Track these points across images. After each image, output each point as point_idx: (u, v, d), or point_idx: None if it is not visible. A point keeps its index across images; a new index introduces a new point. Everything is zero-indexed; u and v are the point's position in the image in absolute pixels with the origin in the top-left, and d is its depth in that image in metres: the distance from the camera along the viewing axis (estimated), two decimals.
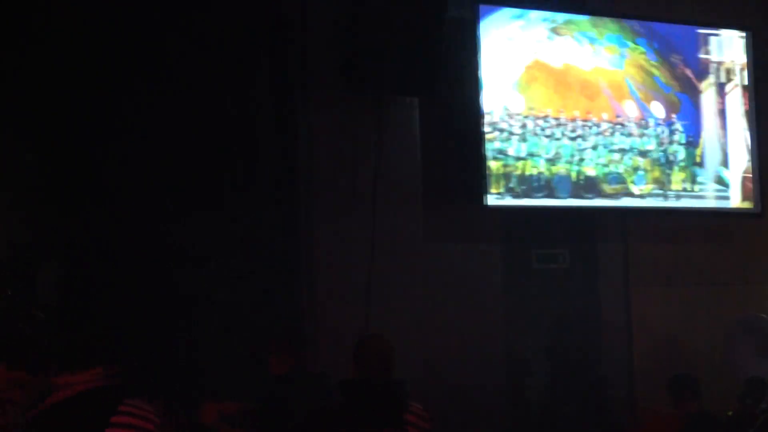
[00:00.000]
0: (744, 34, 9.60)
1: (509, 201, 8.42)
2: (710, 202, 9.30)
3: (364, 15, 7.77)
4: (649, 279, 9.29)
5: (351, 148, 8.07)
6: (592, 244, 9.17)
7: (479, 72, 8.32)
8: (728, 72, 9.54)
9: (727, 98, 9.51)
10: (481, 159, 8.26)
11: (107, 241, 7.27)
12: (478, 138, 8.26)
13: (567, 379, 8.69)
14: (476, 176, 8.28)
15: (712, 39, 9.50)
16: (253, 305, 7.51)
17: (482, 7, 8.42)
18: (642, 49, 9.15)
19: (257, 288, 7.59)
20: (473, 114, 8.30)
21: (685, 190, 9.15)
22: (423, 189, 8.33)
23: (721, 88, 9.50)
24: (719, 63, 9.51)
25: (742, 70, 9.59)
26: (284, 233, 7.86)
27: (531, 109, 8.59)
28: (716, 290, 9.52)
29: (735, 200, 9.41)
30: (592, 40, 8.95)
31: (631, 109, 9.02)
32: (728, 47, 9.57)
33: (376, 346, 5.20)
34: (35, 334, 6.61)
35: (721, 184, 9.34)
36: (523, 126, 8.54)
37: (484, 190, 8.25)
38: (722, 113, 9.47)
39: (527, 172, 8.51)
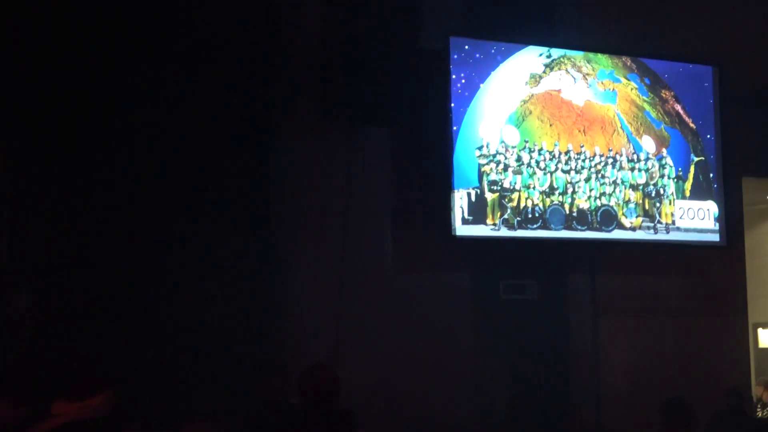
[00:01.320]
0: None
1: (504, 232, 8.54)
2: (699, 236, 9.43)
3: (337, 46, 7.89)
4: (617, 310, 9.41)
5: (322, 179, 8.18)
6: (560, 275, 9.27)
7: (450, 103, 8.45)
8: None
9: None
10: (450, 189, 8.36)
11: (80, 267, 7.26)
12: (448, 169, 8.37)
13: (534, 407, 8.74)
14: (446, 207, 8.36)
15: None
16: (224, 335, 7.51)
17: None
18: (634, 84, 9.33)
19: (228, 318, 7.59)
20: (444, 145, 8.41)
21: (674, 223, 9.29)
22: (393, 219, 8.47)
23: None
24: None
25: None
26: (254, 264, 7.86)
27: (526, 141, 8.73)
28: (683, 322, 9.65)
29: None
30: (585, 75, 9.12)
31: (622, 143, 9.17)
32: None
33: (319, 376, 5.10)
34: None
35: (711, 218, 9.49)
36: (518, 158, 8.68)
37: (452, 221, 8.34)
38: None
39: (522, 204, 8.64)
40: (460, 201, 8.39)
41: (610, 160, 9.07)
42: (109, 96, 7.39)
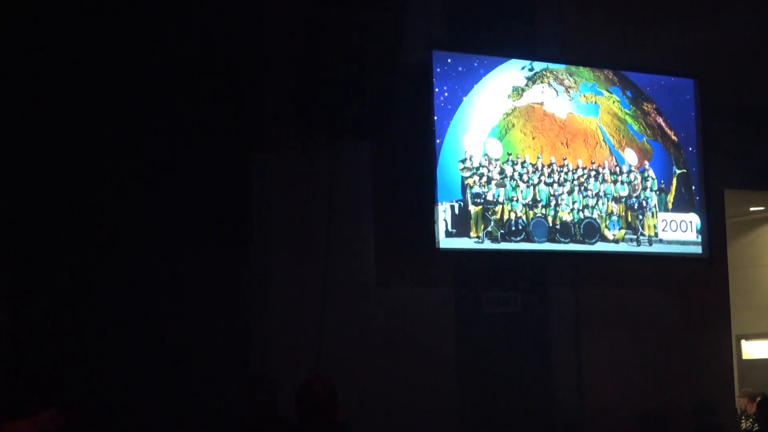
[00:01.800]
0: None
1: (488, 245, 8.54)
2: (682, 248, 9.46)
3: (319, 59, 7.90)
4: (600, 323, 9.40)
5: (304, 191, 8.17)
6: (543, 287, 9.27)
7: (433, 116, 8.46)
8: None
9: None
10: (433, 202, 8.36)
11: (61, 278, 7.26)
12: (432, 182, 8.38)
13: (517, 419, 8.74)
14: (429, 220, 8.36)
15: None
16: (206, 348, 7.51)
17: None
18: (616, 97, 9.37)
19: (209, 331, 7.59)
20: (426, 158, 8.42)
21: (656, 235, 9.31)
22: (375, 232, 8.45)
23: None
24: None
25: None
26: (238, 277, 7.87)
27: (509, 154, 8.74)
28: (666, 334, 9.65)
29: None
30: (567, 88, 9.15)
31: (605, 156, 9.20)
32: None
33: (318, 389, 5.12)
34: None
35: (694, 230, 9.52)
36: (501, 171, 8.69)
37: (436, 234, 8.34)
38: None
39: (505, 217, 8.65)
40: (443, 214, 8.40)
41: (593, 173, 9.10)
42: (90, 111, 7.39)
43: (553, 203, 8.87)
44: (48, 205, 7.30)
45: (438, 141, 8.45)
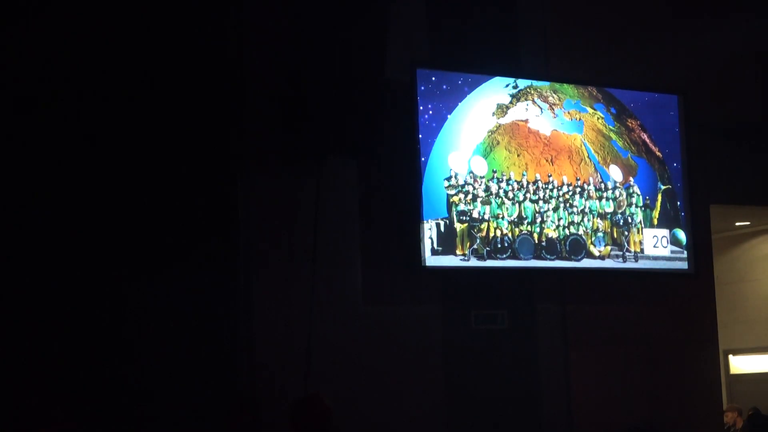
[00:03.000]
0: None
1: (474, 263, 8.55)
2: (668, 264, 9.47)
3: (303, 78, 7.92)
4: (587, 339, 9.40)
5: (290, 210, 8.18)
6: (530, 304, 9.25)
7: (418, 135, 8.50)
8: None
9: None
10: (419, 221, 8.37)
11: (44, 295, 7.23)
12: (417, 200, 8.40)
13: None
14: (415, 238, 8.38)
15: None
16: (192, 368, 7.50)
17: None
18: (600, 114, 9.40)
19: (195, 350, 7.58)
20: (411, 176, 8.44)
21: (642, 251, 9.33)
22: (362, 250, 8.46)
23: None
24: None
25: None
26: (223, 295, 7.85)
27: (494, 171, 8.77)
28: (654, 350, 9.65)
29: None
30: (551, 105, 9.18)
31: (590, 173, 9.22)
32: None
33: (314, 406, 5.13)
34: None
35: (678, 245, 9.54)
36: (487, 189, 8.71)
37: (422, 252, 8.35)
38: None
39: (491, 234, 8.66)
40: (429, 232, 8.41)
41: (578, 190, 9.12)
42: (82, 124, 7.39)
43: (538, 220, 8.89)
44: (41, 217, 7.28)
45: (423, 159, 8.47)
